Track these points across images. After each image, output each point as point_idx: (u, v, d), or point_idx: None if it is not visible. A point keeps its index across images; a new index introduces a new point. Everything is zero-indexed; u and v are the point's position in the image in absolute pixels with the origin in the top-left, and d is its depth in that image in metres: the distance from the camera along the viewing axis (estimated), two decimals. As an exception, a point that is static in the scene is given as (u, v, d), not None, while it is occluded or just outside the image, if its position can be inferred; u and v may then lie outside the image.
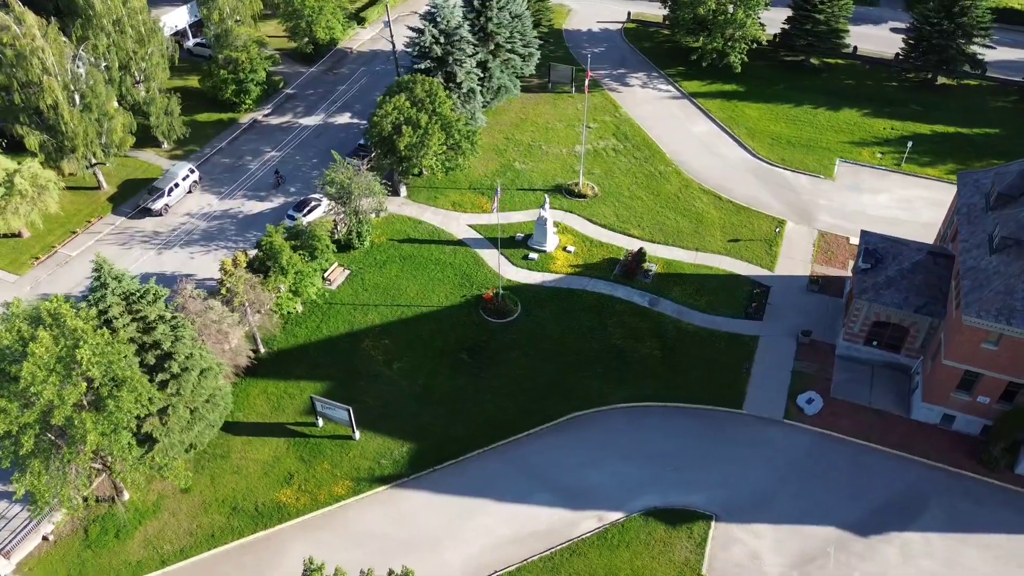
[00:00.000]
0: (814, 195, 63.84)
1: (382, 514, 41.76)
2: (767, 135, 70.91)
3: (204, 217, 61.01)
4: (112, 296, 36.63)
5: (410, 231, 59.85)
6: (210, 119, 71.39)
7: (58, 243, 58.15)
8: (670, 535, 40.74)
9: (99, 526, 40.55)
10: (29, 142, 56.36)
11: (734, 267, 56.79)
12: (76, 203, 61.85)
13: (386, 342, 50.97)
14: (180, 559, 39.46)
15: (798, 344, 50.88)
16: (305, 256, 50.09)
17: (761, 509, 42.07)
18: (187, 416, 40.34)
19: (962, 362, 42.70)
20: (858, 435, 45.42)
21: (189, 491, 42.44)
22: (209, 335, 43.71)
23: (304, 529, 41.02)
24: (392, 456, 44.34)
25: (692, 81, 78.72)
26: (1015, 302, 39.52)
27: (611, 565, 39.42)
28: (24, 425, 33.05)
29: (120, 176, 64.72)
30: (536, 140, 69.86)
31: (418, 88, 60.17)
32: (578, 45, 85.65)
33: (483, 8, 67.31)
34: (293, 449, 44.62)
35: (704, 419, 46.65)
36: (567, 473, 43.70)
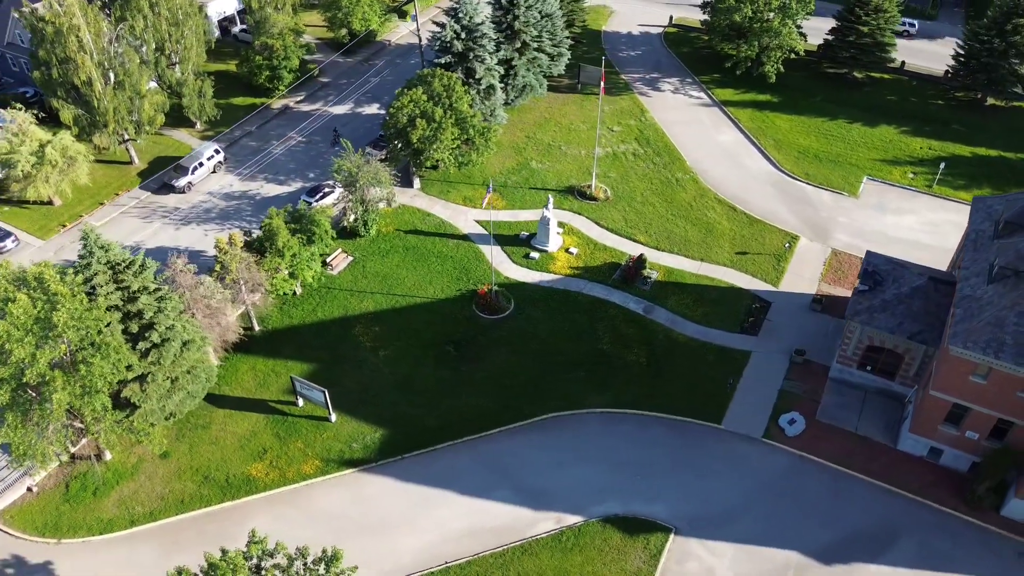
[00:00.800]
0: (834, 212, 61.93)
1: (345, 496, 42.61)
2: (795, 148, 69.09)
3: (224, 197, 63.15)
4: (97, 264, 38.42)
5: (418, 223, 60.62)
6: (244, 103, 73.70)
7: (85, 212, 61.12)
8: (626, 543, 40.34)
9: (79, 483, 42.59)
10: (64, 115, 59.40)
11: (737, 280, 55.63)
12: (108, 176, 64.83)
13: (376, 329, 51.86)
14: (148, 521, 41.12)
15: (791, 363, 49.56)
16: (303, 240, 51.36)
17: (724, 527, 41.23)
18: (167, 385, 42.00)
19: (950, 394, 40.92)
20: (838, 461, 44.01)
21: (167, 457, 44.17)
22: (198, 309, 45.33)
23: (269, 503, 42.21)
24: (364, 441, 45.17)
25: (726, 89, 77.26)
26: (1005, 335, 37.66)
27: (561, 568, 39.30)
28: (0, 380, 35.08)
29: (152, 153, 67.53)
30: (557, 140, 69.76)
31: (436, 82, 60.91)
32: (615, 47, 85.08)
33: (511, 6, 67.55)
34: (271, 426, 45.92)
35: (680, 431, 45.95)
36: (533, 473, 43.71)
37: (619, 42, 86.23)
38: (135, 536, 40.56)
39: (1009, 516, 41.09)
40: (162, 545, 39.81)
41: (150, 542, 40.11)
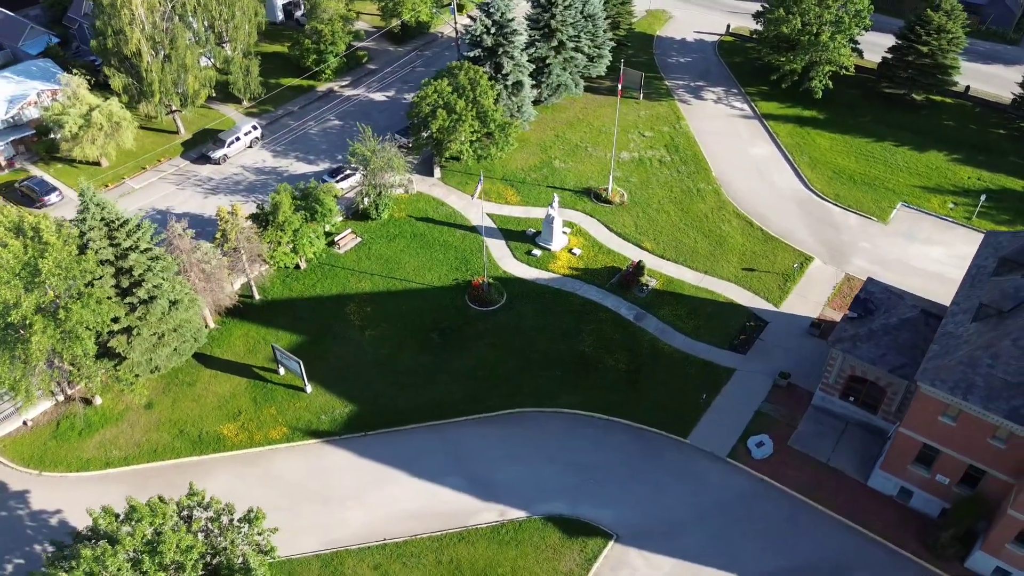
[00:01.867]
0: (857, 237, 59.49)
1: (304, 464, 44.21)
2: (830, 167, 66.63)
3: (255, 171, 66.12)
4: (92, 220, 41.23)
5: (430, 211, 61.82)
6: (292, 84, 76.79)
7: (127, 175, 65.21)
8: (563, 544, 40.31)
9: (69, 422, 45.81)
10: (114, 83, 63.54)
11: (738, 296, 54.30)
12: (154, 143, 68.90)
13: (368, 310, 53.34)
14: (121, 465, 43.87)
15: (774, 385, 48.12)
16: (306, 216, 53.34)
17: (668, 541, 40.59)
18: (152, 340, 44.65)
19: (919, 433, 38.96)
20: (802, 490, 42.53)
21: (151, 408, 46.92)
22: (195, 272, 47.82)
23: (233, 462, 44.27)
24: (333, 414, 46.68)
25: (771, 102, 75.15)
26: (976, 376, 35.60)
27: (494, 559, 39.64)
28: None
29: (198, 124, 71.30)
30: (585, 141, 69.62)
31: (461, 75, 61.96)
32: (665, 53, 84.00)
33: (549, 4, 67.81)
34: (250, 390, 48.04)
35: (644, 440, 45.41)
36: (488, 464, 44.16)
37: (671, 47, 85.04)
38: (107, 477, 43.37)
39: (973, 568, 38.81)
40: (129, 488, 42.34)
41: (120, 484, 42.76)
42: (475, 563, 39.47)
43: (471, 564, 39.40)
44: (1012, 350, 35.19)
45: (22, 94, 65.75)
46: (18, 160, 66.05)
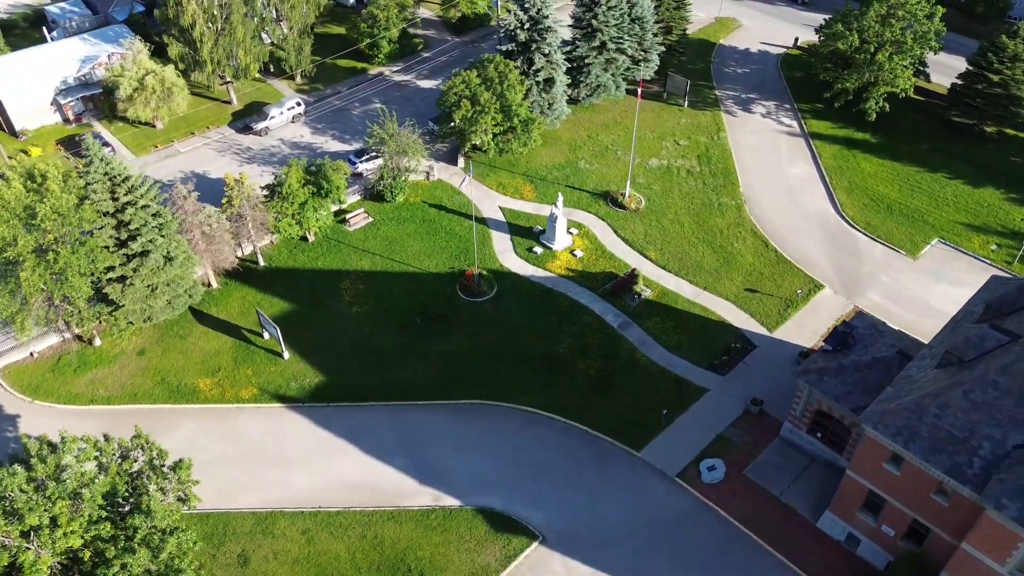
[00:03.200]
0: (879, 269, 56.27)
1: (265, 426, 46.16)
2: (869, 194, 63.17)
3: (291, 145, 68.99)
4: (95, 173, 44.43)
5: (445, 199, 62.77)
6: (345, 65, 79.44)
7: (176, 139, 69.46)
8: (487, 538, 40.45)
9: (68, 359, 49.58)
10: (171, 51, 67.75)
11: (732, 316, 52.54)
12: (208, 110, 73.02)
13: (361, 287, 54.88)
14: (102, 403, 47.15)
15: (745, 411, 46.39)
16: (312, 191, 55.34)
17: (593, 551, 40.03)
18: (145, 291, 47.70)
19: (865, 478, 36.79)
20: (745, 521, 40.95)
21: (143, 355, 50.12)
22: (197, 232, 50.56)
23: (201, 414, 46.76)
24: (303, 382, 48.46)
25: (822, 121, 71.86)
26: (921, 425, 33.30)
27: (416, 542, 40.25)
28: (-12, 253, 42.20)
29: (251, 96, 75.02)
30: (616, 145, 68.76)
31: (491, 67, 62.51)
32: (724, 61, 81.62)
33: (592, 4, 67.28)
34: (233, 349, 50.49)
35: (596, 448, 44.84)
36: (436, 450, 44.76)
37: (731, 57, 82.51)
38: (88, 412, 46.72)
39: (907, 630, 36.37)
40: (103, 426, 45.40)
41: (97, 420, 45.97)
42: (397, 543, 40.23)
43: (393, 543, 40.20)
44: (962, 402, 32.71)
45: (95, 55, 71.07)
46: (86, 116, 71.50)
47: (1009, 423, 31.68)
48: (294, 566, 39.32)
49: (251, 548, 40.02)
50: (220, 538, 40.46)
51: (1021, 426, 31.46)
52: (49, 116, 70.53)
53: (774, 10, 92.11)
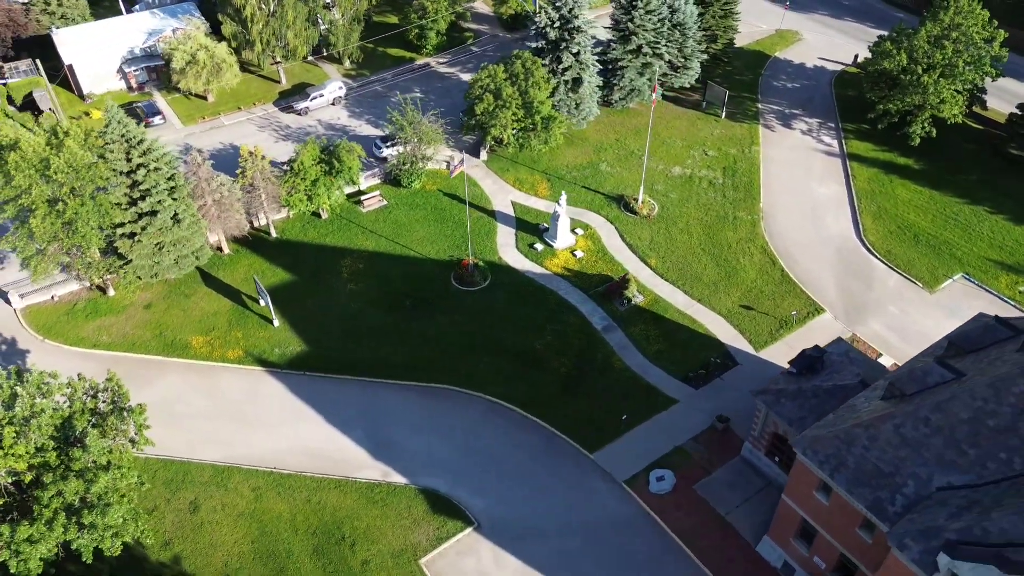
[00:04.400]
0: (889, 299, 53.79)
1: (242, 386, 48.44)
2: (897, 221, 60.32)
3: (327, 126, 71.68)
4: (112, 134, 47.75)
5: (460, 190, 63.63)
6: (393, 53, 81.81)
7: (223, 112, 73.38)
8: (424, 518, 41.27)
9: (83, 304, 53.45)
10: (224, 29, 71.67)
11: (721, 331, 51.42)
12: (258, 88, 76.75)
13: (360, 266, 56.65)
14: (103, 348, 50.59)
15: (710, 427, 45.41)
16: (324, 170, 57.45)
17: (526, 543, 40.25)
18: (152, 248, 50.89)
19: (798, 504, 35.58)
20: (682, 535, 40.22)
21: (149, 309, 53.45)
22: (209, 199, 53.46)
23: (187, 369, 49.51)
24: (286, 349, 50.56)
25: (865, 142, 68.99)
26: (848, 455, 32.00)
27: (355, 512, 41.48)
28: (6, 200, 45.93)
29: (300, 77, 78.34)
30: (642, 150, 67.97)
31: (517, 63, 63.18)
32: (775, 74, 79.38)
33: (629, 7, 66.87)
34: (230, 312, 53.14)
35: (551, 445, 44.93)
36: (396, 428, 45.89)
37: (784, 70, 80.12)
38: (89, 355, 50.23)
39: (825, 668, 34.96)
40: (99, 370, 48.62)
41: (94, 363, 49.17)
42: (337, 511, 41.60)
43: (333, 511, 41.59)
44: (892, 436, 31.23)
45: (160, 29, 75.87)
46: (148, 85, 76.45)
47: (936, 463, 30.06)
48: (238, 519, 41.29)
49: (203, 497, 42.26)
50: (178, 484, 42.90)
51: (948, 467, 29.80)
52: (115, 83, 75.81)
53: (841, 24, 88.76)
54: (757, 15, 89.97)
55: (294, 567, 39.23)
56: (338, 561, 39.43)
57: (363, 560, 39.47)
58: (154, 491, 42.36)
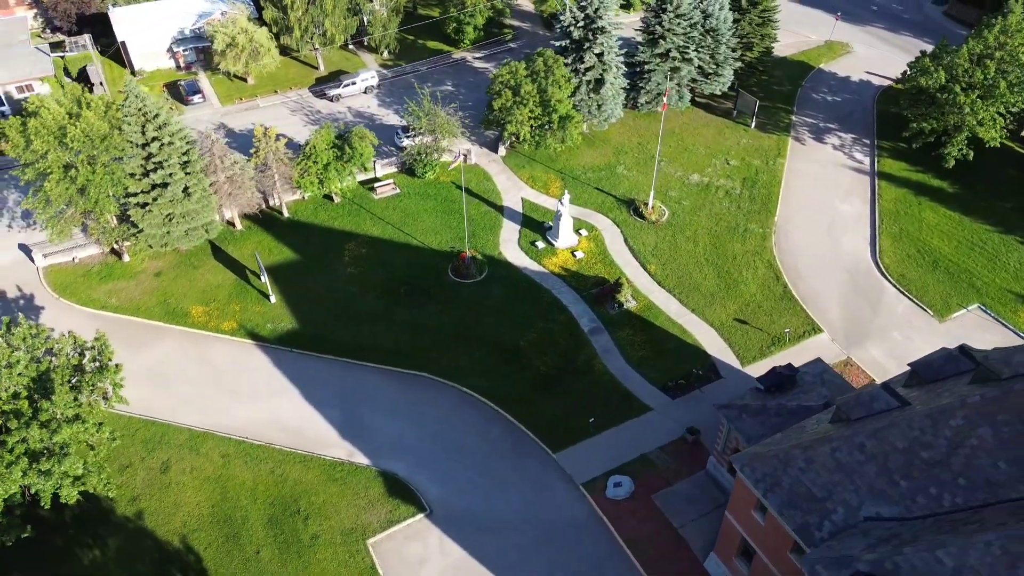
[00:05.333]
0: (894, 324, 51.68)
1: (230, 357, 50.12)
2: (918, 244, 57.78)
3: (356, 114, 73.26)
4: (129, 108, 50.11)
5: (473, 183, 64.27)
6: (431, 46, 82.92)
7: (260, 94, 75.89)
8: (379, 500, 41.93)
9: (99, 268, 56.26)
10: (265, 15, 74.07)
11: (709, 343, 50.40)
12: (296, 73, 79.04)
13: (363, 251, 57.77)
14: (110, 311, 53.08)
15: (680, 438, 44.60)
16: (336, 155, 58.79)
17: (474, 535, 40.48)
18: (161, 218, 53.18)
19: (738, 522, 34.68)
20: (631, 543, 39.71)
21: (159, 277, 55.85)
22: (222, 175, 55.47)
23: (183, 336, 51.52)
24: (278, 325, 52.05)
25: (898, 161, 66.29)
26: (784, 476, 31.03)
27: (314, 488, 42.45)
28: (27, 163, 48.80)
29: (337, 64, 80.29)
30: (664, 155, 67.11)
31: (539, 60, 63.23)
32: (816, 86, 76.99)
33: (659, 10, 65.99)
34: (232, 286, 55.00)
35: (516, 441, 45.00)
36: (369, 410, 46.72)
37: (826, 82, 77.58)
38: (96, 316, 52.83)
39: None
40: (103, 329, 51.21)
41: (100, 323, 51.54)
42: (297, 484, 42.68)
43: (293, 484, 42.70)
44: (828, 460, 30.12)
45: (209, 12, 78.92)
46: (195, 66, 79.68)
47: (867, 492, 28.86)
48: (204, 483, 42.84)
49: (175, 459, 44.01)
50: (155, 444, 44.79)
51: (878, 497, 28.58)
52: (164, 61, 79.32)
53: (897, 39, 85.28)
54: (809, 26, 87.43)
55: (247, 534, 40.50)
56: (289, 532, 40.50)
57: (313, 534, 40.43)
58: (131, 449, 44.37)
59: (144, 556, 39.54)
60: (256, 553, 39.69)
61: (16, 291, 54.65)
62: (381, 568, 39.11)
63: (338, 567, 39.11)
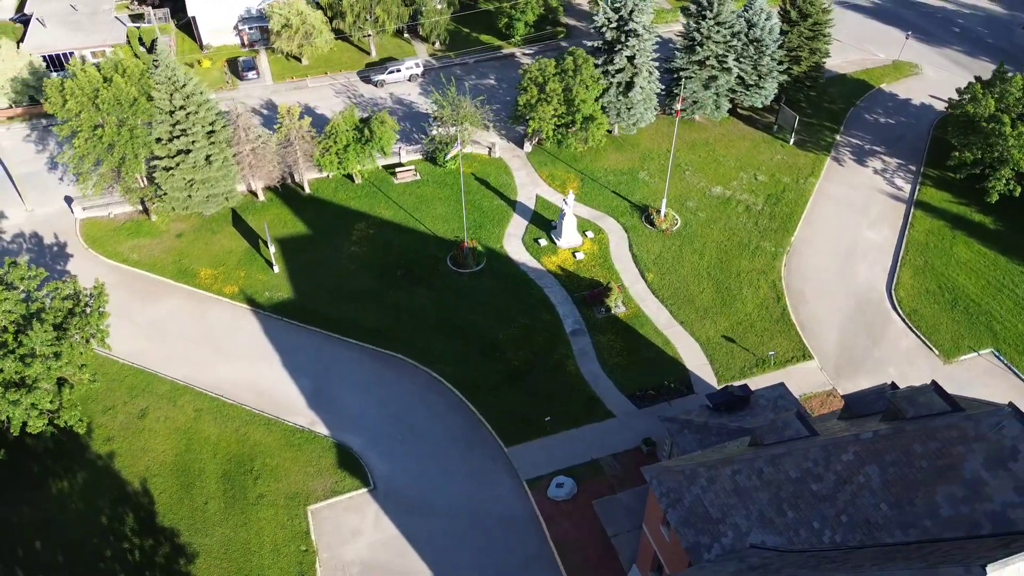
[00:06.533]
0: (891, 360, 49.09)
1: (226, 320, 52.58)
2: (940, 280, 54.50)
3: (395, 100, 75.11)
4: (159, 77, 53.31)
5: (492, 176, 64.88)
6: (483, 39, 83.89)
7: (310, 75, 78.91)
8: (328, 470, 43.20)
9: (129, 224, 60.10)
10: (321, 0, 77.05)
11: (690, 357, 49.26)
12: (348, 56, 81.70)
13: (371, 232, 59.35)
14: (128, 264, 56.55)
15: (635, 447, 43.89)
16: (356, 137, 60.57)
17: (410, 515, 41.18)
18: (183, 183, 56.34)
19: (651, 535, 33.99)
20: (560, 546, 39.46)
21: (180, 238, 59.20)
22: (247, 147, 58.20)
23: (186, 295, 54.38)
24: (275, 294, 54.21)
25: (942, 192, 62.59)
26: (686, 492, 30.26)
27: (270, 450, 44.13)
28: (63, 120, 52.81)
29: (389, 51, 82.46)
30: (690, 164, 65.78)
31: (568, 59, 63.13)
32: (871, 106, 73.54)
33: (700, 16, 64.57)
34: (242, 253, 57.65)
35: (473, 430, 45.39)
36: (339, 384, 48.10)
37: (883, 103, 73.92)
38: (116, 268, 56.47)
39: None
40: (119, 282, 54.90)
41: (117, 274, 55.42)
42: (255, 445, 44.49)
43: (252, 444, 44.52)
44: (727, 482, 29.15)
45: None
46: (258, 44, 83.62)
47: (757, 518, 27.79)
48: (172, 433, 45.30)
49: (153, 408, 46.69)
50: (139, 392, 47.65)
51: (766, 525, 27.47)
52: (230, 38, 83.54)
53: (973, 63, 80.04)
54: (879, 44, 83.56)
55: (200, 485, 42.61)
56: (238, 489, 42.36)
57: (260, 494, 42.14)
58: (116, 393, 47.36)
59: (105, 493, 42.24)
60: (204, 504, 41.75)
61: (52, 238, 59.13)
62: (315, 534, 40.42)
63: (275, 528, 40.65)
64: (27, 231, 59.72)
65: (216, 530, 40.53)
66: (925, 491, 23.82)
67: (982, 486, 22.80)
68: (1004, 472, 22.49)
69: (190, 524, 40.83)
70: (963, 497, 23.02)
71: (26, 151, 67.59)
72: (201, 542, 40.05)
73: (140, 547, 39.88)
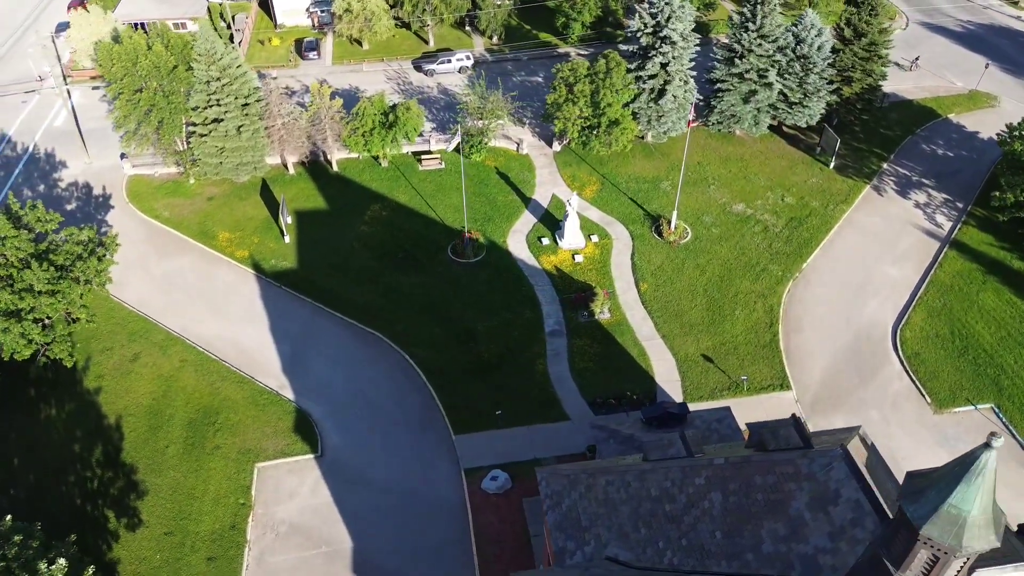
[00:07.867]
0: (876, 403, 46.48)
1: (230, 280, 55.59)
2: (955, 326, 51.01)
3: (440, 90, 76.69)
4: (199, 50, 56.86)
5: (514, 172, 65.37)
6: (544, 37, 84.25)
7: (367, 60, 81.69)
8: (283, 432, 45.14)
9: (169, 185, 64.33)
10: (382, -11, 79.55)
11: (663, 372, 48.31)
12: (407, 44, 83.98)
13: (384, 213, 61.15)
14: (158, 221, 60.58)
15: (580, 452, 43.54)
16: (381, 121, 62.43)
17: (346, 486, 42.59)
18: (214, 150, 59.92)
19: (546, 535, 33.79)
20: (480, 537, 39.82)
21: (210, 201, 62.97)
22: (278, 121, 61.20)
23: (201, 254, 57.75)
24: (278, 262, 56.84)
25: (985, 233, 58.39)
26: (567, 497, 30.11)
27: (235, 406, 46.48)
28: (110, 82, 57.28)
29: (447, 41, 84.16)
30: (716, 179, 64.05)
31: (601, 62, 62.78)
32: (932, 136, 69.19)
33: (743, 28, 62.64)
34: (262, 220, 60.69)
35: (429, 414, 46.30)
36: (316, 353, 50.06)
37: (946, 134, 69.35)
38: (147, 222, 60.63)
39: None
40: (146, 235, 59.11)
41: (145, 228, 59.70)
42: (224, 399, 46.99)
43: (222, 398, 47.06)
44: (600, 492, 28.80)
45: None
46: (328, 27, 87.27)
47: (616, 531, 27.33)
48: (156, 379, 48.48)
49: (145, 353, 50.12)
50: (136, 337, 51.25)
51: (623, 539, 26.98)
52: (303, 19, 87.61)
53: (1061, 101, 73.89)
54: (959, 71, 78.35)
55: (165, 429, 45.51)
56: (197, 437, 44.97)
57: (215, 445, 44.59)
58: (117, 336, 51.11)
59: (84, 425, 45.81)
60: (165, 447, 44.60)
61: (101, 190, 64.16)
62: (255, 490, 42.46)
63: (221, 479, 42.95)
64: (81, 181, 65.03)
65: (169, 472, 43.25)
66: (754, 524, 22.89)
67: (802, 526, 21.72)
68: (823, 515, 21.33)
69: (148, 464, 43.74)
70: (784, 536, 22.00)
71: (99, 109, 73.32)
72: (153, 481, 42.86)
73: (100, 478, 43.09)
